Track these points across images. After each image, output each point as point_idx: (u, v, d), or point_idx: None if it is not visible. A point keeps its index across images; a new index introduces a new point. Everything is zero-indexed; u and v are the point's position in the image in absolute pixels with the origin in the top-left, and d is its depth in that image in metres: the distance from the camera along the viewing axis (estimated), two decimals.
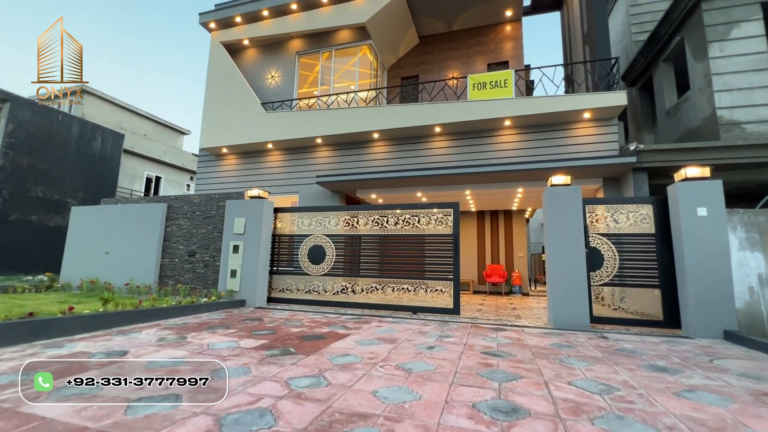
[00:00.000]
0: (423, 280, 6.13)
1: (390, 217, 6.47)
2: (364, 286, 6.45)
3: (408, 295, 6.18)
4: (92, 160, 18.29)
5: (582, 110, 7.79)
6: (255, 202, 6.64)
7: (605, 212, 5.20)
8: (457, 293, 5.90)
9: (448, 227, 6.07)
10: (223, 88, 11.07)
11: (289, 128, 9.98)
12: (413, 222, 6.31)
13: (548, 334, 4.42)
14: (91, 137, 18.49)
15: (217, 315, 5.30)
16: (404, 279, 6.27)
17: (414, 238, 6.29)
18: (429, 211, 6.22)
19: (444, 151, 9.12)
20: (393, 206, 6.54)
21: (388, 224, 6.47)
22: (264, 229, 6.56)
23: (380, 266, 6.55)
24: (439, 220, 6.14)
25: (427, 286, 6.08)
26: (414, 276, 6.21)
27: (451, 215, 6.08)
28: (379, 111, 9.26)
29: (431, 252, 6.22)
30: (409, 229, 6.33)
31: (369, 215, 6.60)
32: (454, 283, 5.94)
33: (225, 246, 6.63)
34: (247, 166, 10.99)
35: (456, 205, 6.10)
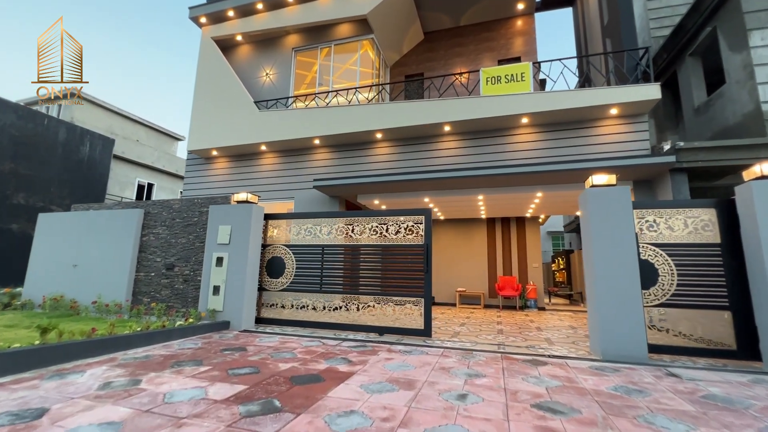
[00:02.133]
0: (390, 296, 5.38)
1: (356, 226, 5.70)
2: (326, 304, 5.64)
3: (374, 314, 5.39)
4: (80, 165, 17.45)
5: (609, 105, 7.00)
6: (242, 207, 5.78)
7: (658, 218, 4.36)
8: (428, 312, 5.11)
9: (419, 237, 5.33)
10: (213, 86, 10.28)
11: (284, 128, 9.17)
12: (381, 231, 5.55)
13: (602, 370, 3.53)
14: (79, 142, 17.68)
15: (192, 343, 4.39)
16: (369, 295, 5.50)
17: (381, 250, 5.57)
18: (398, 219, 5.49)
19: (454, 152, 8.30)
20: (359, 213, 5.79)
21: (354, 233, 5.71)
22: (252, 238, 5.69)
23: (344, 281, 5.75)
24: (410, 229, 5.39)
25: (395, 304, 5.32)
26: (380, 292, 5.46)
27: (422, 223, 5.34)
28: (381, 109, 8.46)
29: (400, 265, 5.51)
30: (376, 239, 5.57)
31: (333, 223, 5.85)
32: (425, 300, 5.16)
33: (207, 258, 5.75)
34: (239, 170, 10.16)
35: (428, 212, 5.36)
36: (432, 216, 10.82)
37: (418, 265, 5.29)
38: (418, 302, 5.21)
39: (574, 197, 8.19)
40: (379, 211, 5.70)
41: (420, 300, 5.20)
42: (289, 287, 5.84)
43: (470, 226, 11.29)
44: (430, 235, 5.32)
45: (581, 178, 7.08)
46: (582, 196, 4.60)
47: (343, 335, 5.09)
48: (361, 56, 10.37)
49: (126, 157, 20.79)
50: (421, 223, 5.37)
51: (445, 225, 11.55)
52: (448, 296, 11.02)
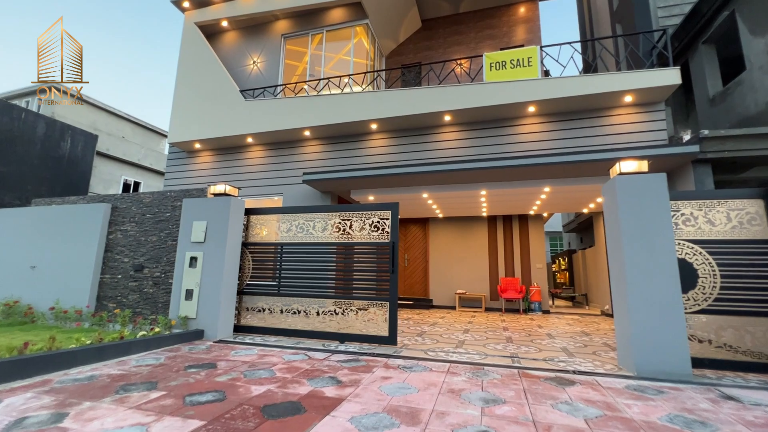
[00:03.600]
0: (352, 299, 4.86)
1: (317, 222, 5.17)
2: (284, 308, 5.09)
3: (335, 319, 4.86)
4: (60, 162, 16.63)
5: (624, 92, 6.45)
6: (219, 201, 5.12)
7: (695, 210, 3.78)
8: (393, 317, 4.58)
9: (385, 234, 4.80)
10: (196, 74, 9.59)
11: (272, 119, 8.51)
12: (344, 227, 5.03)
13: (643, 392, 2.93)
14: (60, 137, 16.85)
15: (153, 358, 3.73)
16: (329, 299, 4.96)
17: (344, 248, 5.04)
18: (363, 214, 4.96)
19: (455, 144, 7.71)
20: (319, 208, 5.25)
21: (315, 230, 5.17)
22: (231, 235, 5.04)
23: (303, 283, 5.18)
24: (375, 226, 4.86)
25: (358, 308, 4.79)
26: (342, 295, 4.94)
27: (389, 219, 4.80)
28: (377, 97, 7.84)
29: (365, 265, 4.96)
30: (338, 237, 5.04)
31: (293, 219, 5.31)
32: (390, 303, 4.63)
33: (179, 258, 5.08)
34: (224, 164, 9.48)
35: (395, 207, 4.82)
36: (432, 214, 10.23)
37: (383, 265, 4.74)
38: (383, 306, 4.67)
39: (584, 192, 7.63)
40: (341, 206, 5.16)
41: (384, 304, 4.66)
42: (253, 290, 5.22)
43: (470, 224, 10.70)
44: (397, 231, 4.79)
45: (594, 171, 6.52)
46: (607, 186, 4.02)
47: (332, 346, 4.45)
48: (355, 45, 9.76)
49: (111, 154, 19.98)
50: (388, 219, 4.83)
51: (444, 224, 10.95)
52: (448, 299, 10.42)
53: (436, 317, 8.08)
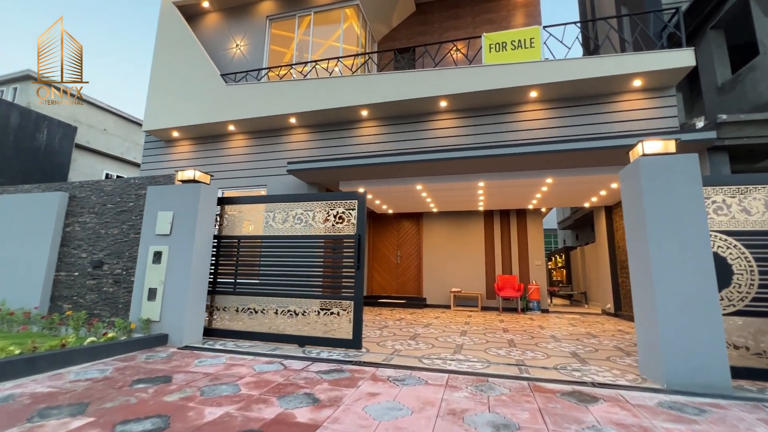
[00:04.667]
0: (312, 298, 4.41)
1: (278, 213, 4.69)
2: (239, 307, 4.62)
3: (295, 321, 4.39)
4: (36, 154, 15.80)
5: (633, 75, 6.00)
6: (188, 188, 4.53)
7: (728, 197, 3.31)
8: (358, 318, 4.13)
9: (351, 225, 4.35)
10: (174, 57, 8.94)
11: (255, 105, 7.91)
12: (306, 219, 4.56)
13: (681, 411, 2.44)
14: (35, 128, 16.01)
15: (98, 370, 3.15)
16: (287, 297, 4.49)
17: (306, 241, 4.54)
18: (327, 205, 4.50)
19: (451, 132, 7.20)
20: (280, 197, 4.77)
21: (275, 222, 4.69)
22: (201, 227, 4.46)
23: (259, 280, 4.73)
24: (340, 217, 4.40)
25: (320, 308, 4.34)
26: (302, 293, 4.46)
27: (355, 209, 4.36)
28: (367, 81, 7.29)
29: (329, 260, 4.53)
30: (301, 229, 4.56)
31: (252, 210, 4.84)
32: (355, 303, 4.18)
33: (142, 253, 4.49)
34: (205, 154, 8.85)
35: (362, 197, 4.36)
36: (426, 209, 9.71)
37: (348, 261, 4.28)
38: (348, 306, 4.21)
39: (588, 184, 7.18)
40: (303, 195, 4.69)
41: (349, 304, 4.20)
42: (226, 289, 4.68)
43: (466, 219, 10.22)
44: (364, 223, 4.32)
45: (600, 161, 6.06)
46: (627, 170, 3.53)
47: (314, 353, 3.91)
48: (345, 31, 9.19)
49: (91, 147, 19.14)
50: (354, 209, 4.36)
51: (438, 218, 10.45)
52: (442, 298, 9.93)
53: (430, 317, 7.58)
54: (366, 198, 4.36)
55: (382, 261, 10.75)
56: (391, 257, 10.70)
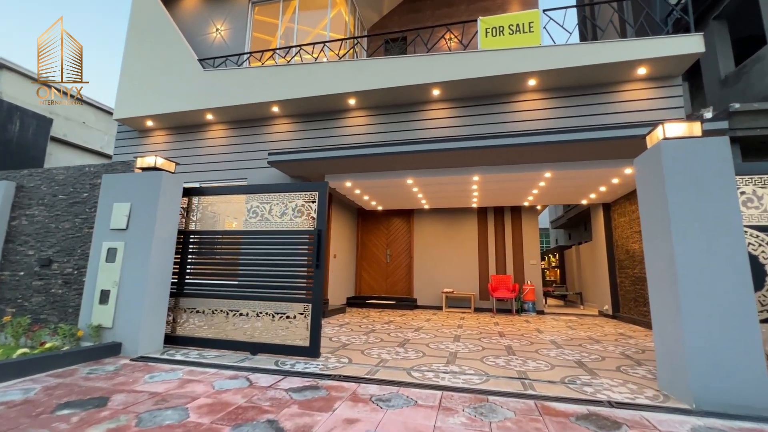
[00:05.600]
0: (268, 301, 3.92)
1: (233, 205, 4.30)
2: (206, 310, 4.12)
3: (247, 325, 3.95)
4: (7, 147, 14.91)
5: (638, 63, 5.62)
6: (148, 177, 4.00)
7: (759, 188, 2.92)
8: (316, 323, 3.70)
9: (310, 220, 3.90)
10: (148, 41, 8.33)
11: (235, 92, 7.37)
12: (262, 212, 4.10)
13: None
14: (6, 119, 15.12)
15: (20, 390, 2.62)
16: (241, 300, 4.01)
17: (262, 237, 4.09)
18: (285, 197, 4.05)
19: (444, 122, 6.75)
20: (234, 189, 4.32)
21: (231, 215, 4.35)
22: (162, 220, 3.93)
23: (210, 281, 4.28)
24: (299, 210, 3.95)
25: (274, 312, 3.88)
26: (256, 295, 3.99)
27: (315, 202, 3.91)
28: (356, 67, 6.80)
29: (284, 258, 4.03)
30: (256, 223, 4.11)
31: (217, 202, 4.39)
32: (313, 306, 3.74)
33: (94, 250, 3.95)
34: (181, 145, 8.27)
35: (323, 186, 3.91)
36: (417, 205, 9.26)
37: (306, 259, 3.85)
38: (305, 309, 3.76)
39: (587, 179, 6.80)
40: (259, 186, 4.21)
41: (306, 307, 3.76)
42: (193, 291, 4.18)
43: (459, 217, 9.80)
44: (325, 216, 3.86)
45: (602, 153, 5.69)
46: (645, 157, 3.12)
47: (288, 365, 3.42)
48: (333, 19, 8.70)
49: (69, 140, 18.24)
50: (314, 202, 3.91)
51: (430, 216, 10.02)
52: (433, 298, 9.50)
53: (421, 320, 7.14)
54: (328, 189, 3.90)
55: (371, 260, 10.28)
56: (381, 256, 10.23)
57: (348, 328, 5.78)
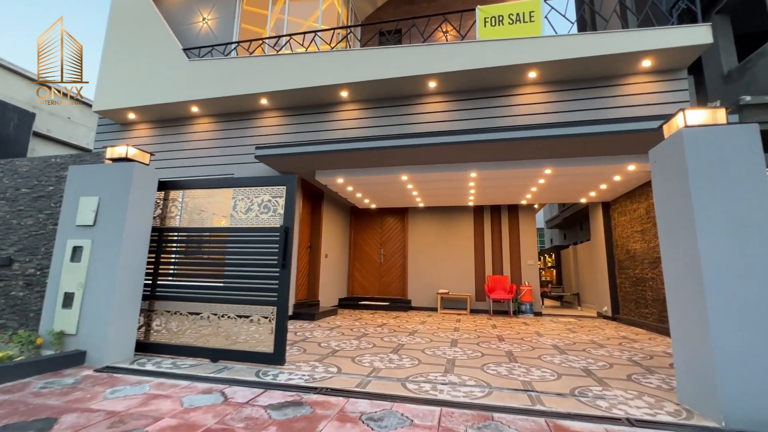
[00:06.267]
0: (229, 304, 3.63)
1: (192, 200, 3.93)
2: (163, 312, 3.84)
3: (208, 329, 3.64)
4: None
5: (642, 55, 5.40)
6: (119, 168, 3.65)
7: None
8: (281, 328, 3.40)
9: (277, 216, 3.61)
10: (130, 29, 7.93)
11: (222, 83, 7.02)
12: (226, 207, 3.84)
13: None
14: None
15: None
16: (204, 302, 3.70)
17: (227, 235, 3.82)
18: (250, 191, 3.75)
19: (441, 116, 6.48)
20: (200, 183, 3.97)
21: (192, 212, 3.95)
22: (133, 216, 3.59)
23: (186, 281, 3.98)
24: (265, 206, 3.66)
25: (237, 314, 3.59)
26: (217, 297, 3.69)
27: (282, 197, 3.62)
28: (348, 57, 6.49)
29: (249, 258, 3.73)
30: (220, 219, 3.84)
31: (161, 197, 4.04)
32: (278, 309, 3.44)
33: (59, 249, 3.59)
34: (165, 139, 7.90)
35: (291, 181, 3.63)
36: (412, 203, 8.96)
37: (271, 258, 3.53)
38: (270, 313, 3.47)
39: (588, 176, 6.56)
40: (224, 180, 3.93)
41: (271, 310, 3.46)
42: (167, 293, 3.84)
43: (455, 215, 9.54)
44: (293, 213, 3.58)
45: (605, 148, 5.45)
46: (663, 147, 2.86)
47: (270, 375, 3.10)
48: (325, 11, 8.38)
49: (53, 136, 17.62)
50: (281, 197, 3.62)
51: (425, 214, 9.73)
52: (428, 300, 9.22)
53: (415, 322, 6.84)
54: (296, 183, 3.59)
55: (363, 260, 9.97)
56: (374, 256, 9.93)
57: (339, 332, 5.47)
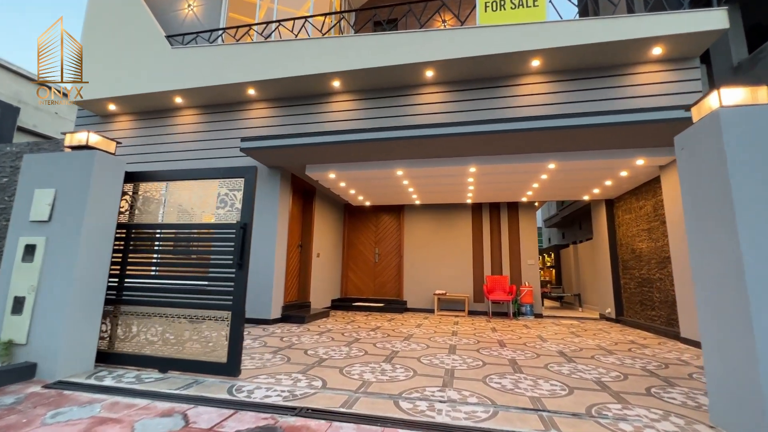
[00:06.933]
0: (181, 308, 3.26)
1: (143, 194, 3.58)
2: (129, 318, 3.48)
3: (157, 338, 3.28)
4: None
5: (653, 41, 5.06)
6: (78, 158, 3.26)
7: None
8: (236, 335, 3.04)
9: (234, 211, 3.26)
10: (110, 15, 7.50)
11: (207, 72, 6.62)
12: (180, 200, 3.53)
13: None
14: None
15: None
16: (158, 306, 3.33)
17: (180, 232, 3.51)
18: (203, 185, 3.44)
19: (439, 107, 6.12)
20: (150, 175, 3.59)
21: (140, 205, 3.58)
22: (94, 210, 3.20)
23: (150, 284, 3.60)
24: (222, 200, 3.33)
25: (190, 320, 3.23)
26: (166, 301, 3.32)
27: (240, 191, 3.27)
28: (340, 44, 6.12)
29: (204, 257, 3.43)
30: (171, 215, 3.51)
31: (131, 190, 3.70)
32: (232, 314, 3.08)
33: (9, 247, 3.19)
34: (148, 132, 7.49)
35: (251, 172, 3.28)
36: (408, 200, 8.59)
37: (226, 258, 3.18)
38: (223, 318, 3.11)
39: (593, 171, 6.23)
40: (179, 172, 3.54)
41: (225, 315, 3.11)
42: (133, 297, 3.46)
43: (452, 213, 9.19)
44: (252, 208, 3.21)
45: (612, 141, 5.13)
46: (694, 131, 2.52)
47: (244, 391, 2.72)
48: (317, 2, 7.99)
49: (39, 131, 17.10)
50: (239, 191, 3.26)
51: (421, 212, 9.38)
52: (424, 301, 8.87)
53: (411, 325, 6.49)
54: (256, 175, 3.24)
55: (358, 259, 9.60)
56: (369, 255, 9.56)
57: (329, 337, 5.10)
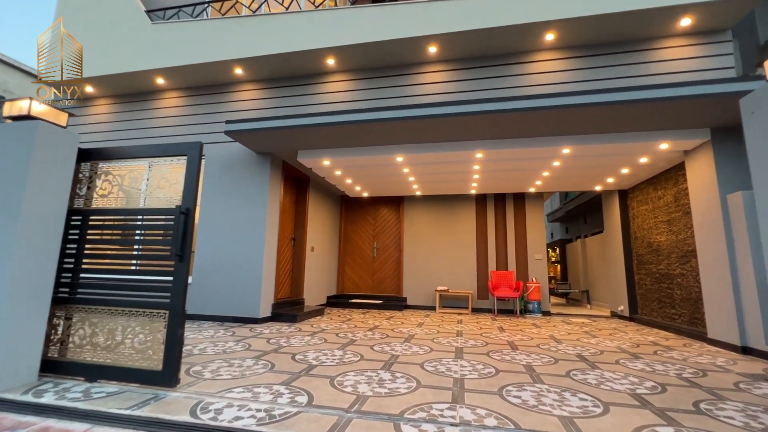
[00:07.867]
0: (113, 306, 2.77)
1: (83, 174, 3.05)
2: (83, 318, 2.94)
3: (85, 341, 2.79)
4: None
5: (682, 9, 4.54)
6: (16, 131, 2.75)
7: None
8: (173, 337, 2.55)
9: (174, 194, 2.76)
10: None
11: (190, 48, 6.08)
12: (118, 182, 2.98)
13: None
14: None
15: None
16: (100, 305, 2.81)
17: (114, 219, 2.99)
18: (139, 166, 2.96)
19: (443, 87, 5.61)
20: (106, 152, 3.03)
21: (99, 188, 3.04)
22: (38, 194, 2.69)
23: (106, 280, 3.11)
24: (161, 182, 2.83)
25: (124, 316, 2.75)
26: (96, 298, 2.84)
27: (183, 169, 2.76)
28: (335, 16, 5.58)
29: (140, 247, 2.95)
30: (104, 198, 2.99)
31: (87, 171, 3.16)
32: (170, 313, 2.59)
33: None
34: (128, 116, 6.96)
35: (194, 149, 2.76)
36: (408, 191, 8.08)
37: (163, 248, 2.71)
38: (159, 318, 2.62)
39: (611, 157, 5.71)
40: (111, 149, 3.00)
41: (162, 315, 2.62)
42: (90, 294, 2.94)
43: (455, 205, 8.70)
44: (194, 191, 2.69)
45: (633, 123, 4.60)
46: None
47: (211, 411, 2.23)
48: None
49: None
50: (180, 170, 2.75)
51: (422, 204, 8.88)
52: (425, 297, 8.40)
53: (412, 324, 6.01)
54: (201, 153, 2.73)
55: (355, 254, 9.11)
56: (367, 250, 9.08)
57: (321, 338, 4.62)
